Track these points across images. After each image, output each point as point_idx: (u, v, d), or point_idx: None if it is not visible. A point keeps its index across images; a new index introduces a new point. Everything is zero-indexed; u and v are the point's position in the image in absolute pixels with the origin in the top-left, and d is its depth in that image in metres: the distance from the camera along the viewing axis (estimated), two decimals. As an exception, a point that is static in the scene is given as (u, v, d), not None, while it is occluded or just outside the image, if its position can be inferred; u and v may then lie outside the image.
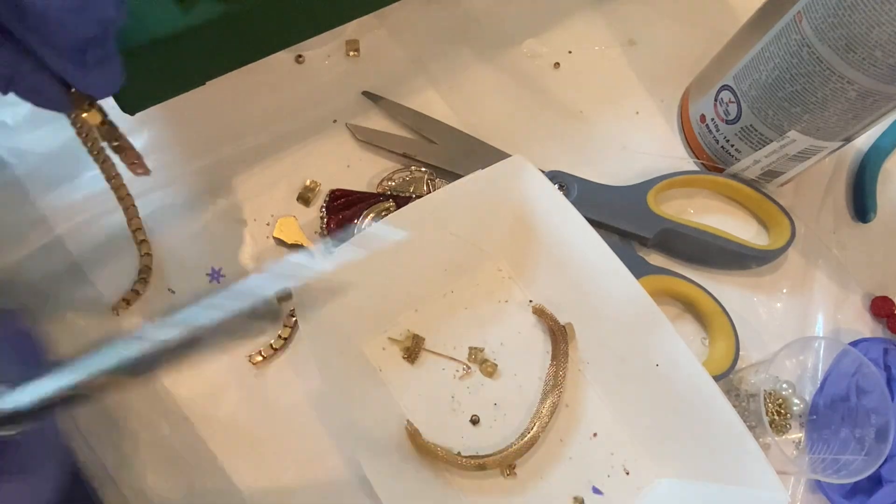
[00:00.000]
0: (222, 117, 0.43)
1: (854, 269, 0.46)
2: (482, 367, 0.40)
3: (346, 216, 0.41)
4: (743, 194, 0.45)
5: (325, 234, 0.41)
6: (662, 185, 0.44)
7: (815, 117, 0.38)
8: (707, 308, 0.42)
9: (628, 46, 0.49)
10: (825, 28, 0.34)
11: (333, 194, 0.42)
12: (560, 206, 0.38)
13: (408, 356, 0.39)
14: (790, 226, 0.44)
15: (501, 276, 0.42)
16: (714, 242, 0.43)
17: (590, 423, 0.39)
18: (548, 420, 0.38)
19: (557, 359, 0.39)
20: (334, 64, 0.46)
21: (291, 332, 0.39)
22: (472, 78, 0.47)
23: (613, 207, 0.43)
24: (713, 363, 0.41)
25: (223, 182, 0.42)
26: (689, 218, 0.44)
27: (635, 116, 0.48)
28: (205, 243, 0.41)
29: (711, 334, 0.42)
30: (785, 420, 0.42)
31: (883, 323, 0.45)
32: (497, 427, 0.39)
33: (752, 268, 0.45)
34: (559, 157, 0.45)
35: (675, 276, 0.42)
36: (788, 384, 0.42)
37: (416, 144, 0.44)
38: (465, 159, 0.43)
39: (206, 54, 0.35)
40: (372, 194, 0.42)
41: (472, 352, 0.40)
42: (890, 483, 0.40)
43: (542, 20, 0.49)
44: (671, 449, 0.38)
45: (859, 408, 0.41)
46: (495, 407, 0.39)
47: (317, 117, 0.44)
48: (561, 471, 0.38)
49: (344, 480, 0.38)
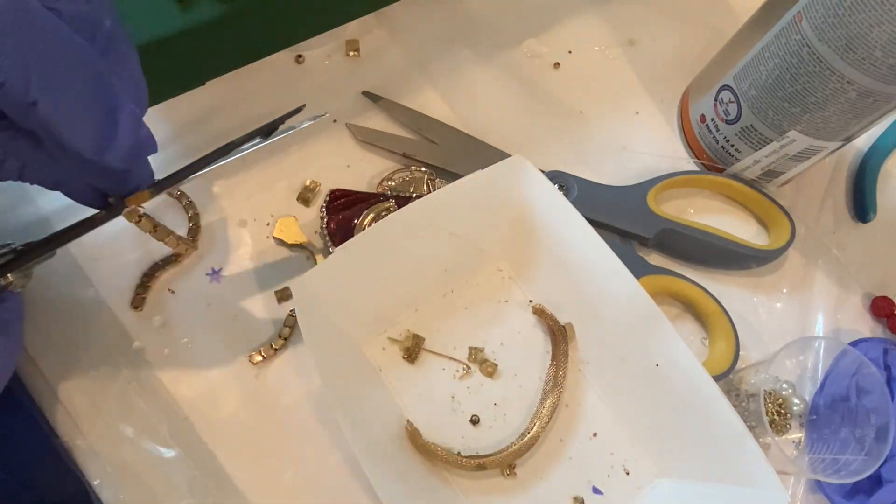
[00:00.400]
0: (222, 117, 0.43)
1: (854, 269, 0.46)
2: (482, 367, 0.40)
3: (346, 216, 0.41)
4: (743, 194, 0.45)
5: (325, 235, 0.41)
6: (662, 185, 0.44)
7: (815, 117, 0.38)
8: (707, 308, 0.42)
9: (628, 46, 0.49)
10: (825, 28, 0.34)
11: (333, 194, 0.42)
12: (560, 206, 0.38)
13: (408, 356, 0.39)
14: (790, 226, 0.44)
15: (501, 276, 0.42)
16: (714, 242, 0.43)
17: (590, 423, 0.39)
18: (548, 420, 0.38)
19: (557, 359, 0.39)
20: (334, 64, 0.46)
21: (291, 332, 0.40)
22: (472, 78, 0.47)
23: (613, 207, 0.43)
24: (713, 363, 0.41)
25: (223, 182, 0.42)
26: (689, 218, 0.44)
27: (635, 116, 0.48)
28: (205, 243, 0.41)
29: (711, 334, 0.42)
30: (785, 420, 0.42)
31: (883, 323, 0.45)
32: (497, 427, 0.39)
33: (751, 268, 0.45)
34: (559, 157, 0.45)
35: (675, 276, 0.42)
36: (788, 384, 0.42)
37: (416, 144, 0.44)
38: (465, 159, 0.43)
39: (206, 54, 0.35)
40: (372, 194, 0.42)
41: (472, 352, 0.40)
42: (890, 483, 0.40)
43: (542, 20, 0.49)
44: (671, 449, 0.38)
45: (859, 408, 0.41)
46: (495, 407, 0.39)
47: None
48: (561, 471, 0.38)
49: (344, 480, 0.38)
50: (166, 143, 0.42)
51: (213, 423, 0.38)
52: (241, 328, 0.40)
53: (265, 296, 0.40)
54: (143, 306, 0.39)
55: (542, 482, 0.38)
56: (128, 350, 0.38)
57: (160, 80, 0.35)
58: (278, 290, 0.40)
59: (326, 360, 0.35)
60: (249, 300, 0.40)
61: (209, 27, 0.33)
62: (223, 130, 0.43)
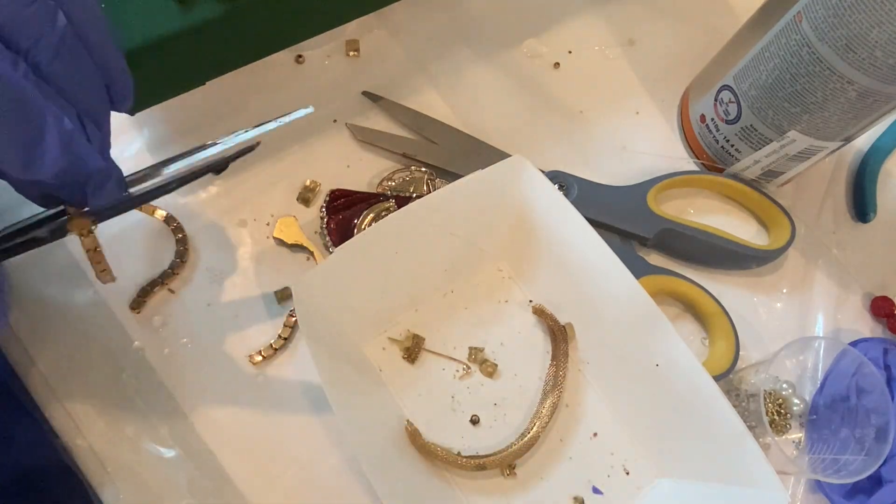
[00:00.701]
0: (222, 117, 0.43)
1: (854, 269, 0.46)
2: (482, 367, 0.40)
3: (346, 216, 0.41)
4: (743, 194, 0.45)
5: (325, 234, 0.41)
6: (662, 185, 0.44)
7: (815, 117, 0.38)
8: (707, 308, 0.42)
9: (628, 46, 0.49)
10: (825, 28, 0.34)
11: (333, 194, 0.42)
12: (560, 205, 0.38)
13: (408, 356, 0.39)
14: (790, 226, 0.44)
15: (501, 276, 0.42)
16: (714, 242, 0.43)
17: (590, 423, 0.39)
18: (548, 420, 0.38)
19: (557, 359, 0.39)
20: (334, 64, 0.46)
21: (291, 331, 0.40)
22: (472, 78, 0.47)
23: (613, 207, 0.43)
24: (713, 363, 0.41)
25: (223, 182, 0.42)
26: (689, 218, 0.44)
27: (635, 116, 0.48)
28: (205, 243, 0.41)
29: (711, 334, 0.42)
30: (785, 420, 0.42)
31: (883, 323, 0.45)
32: (497, 427, 0.39)
33: (751, 268, 0.45)
34: (559, 157, 0.45)
35: (675, 276, 0.42)
36: (788, 384, 0.42)
37: (416, 144, 0.44)
38: (465, 159, 0.43)
39: (206, 54, 0.35)
40: (372, 194, 0.42)
41: (472, 352, 0.40)
42: (890, 483, 0.40)
43: (542, 20, 0.49)
44: (671, 449, 0.38)
45: (859, 408, 0.41)
46: (495, 407, 0.39)
47: (317, 117, 0.44)
48: (561, 471, 0.38)
49: (344, 480, 0.38)
50: (166, 142, 0.42)
51: (213, 423, 0.38)
52: (241, 328, 0.40)
53: (265, 296, 0.40)
54: (141, 309, 0.39)
55: (542, 482, 0.38)
56: (128, 350, 0.38)
57: (160, 80, 0.35)
58: (278, 291, 0.40)
59: (326, 360, 0.35)
60: (249, 300, 0.40)
61: (209, 27, 0.33)
62: (223, 130, 0.43)
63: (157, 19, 0.32)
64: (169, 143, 0.42)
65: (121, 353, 0.38)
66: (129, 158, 0.41)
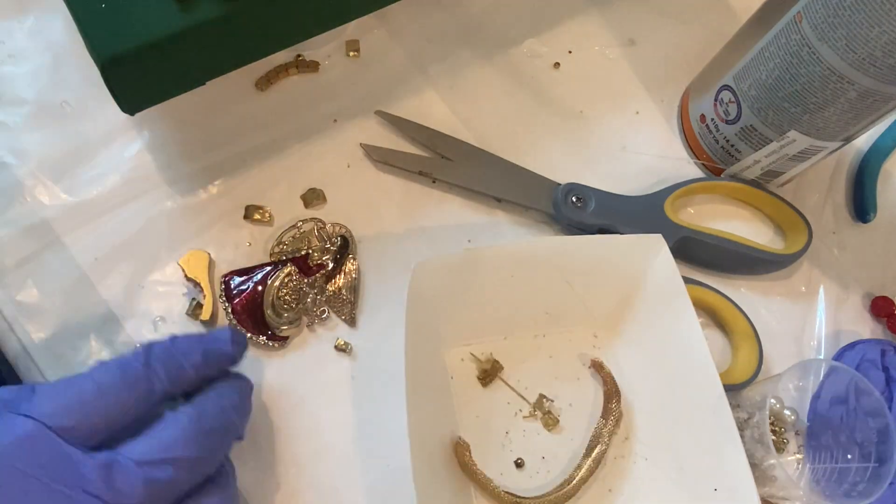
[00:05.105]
0: (222, 117, 0.43)
1: (854, 269, 0.46)
2: (545, 418, 0.39)
3: (247, 296, 0.39)
4: (758, 198, 0.45)
5: (231, 319, 0.39)
6: (680, 192, 0.44)
7: (815, 117, 0.38)
8: (730, 316, 0.42)
9: (628, 46, 0.49)
10: (825, 28, 0.34)
11: (225, 280, 0.39)
12: (679, 300, 0.38)
13: (482, 377, 0.39)
14: (807, 229, 0.44)
15: (593, 343, 0.41)
16: (735, 249, 0.43)
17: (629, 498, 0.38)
18: (588, 475, 0.37)
19: (607, 417, 0.39)
20: (334, 64, 0.46)
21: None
22: (472, 78, 0.47)
23: (632, 217, 0.42)
24: (737, 373, 0.41)
25: (223, 182, 0.42)
26: (706, 224, 0.44)
27: (635, 116, 0.48)
28: (205, 244, 0.41)
29: (734, 343, 0.42)
30: (781, 437, 0.41)
31: (883, 323, 0.45)
32: (538, 479, 0.38)
33: (766, 272, 0.45)
34: (558, 157, 0.45)
35: (697, 285, 0.42)
36: (776, 399, 0.41)
37: (431, 162, 0.43)
38: (481, 176, 0.43)
39: (206, 54, 0.35)
40: (266, 263, 0.40)
41: (541, 399, 0.40)
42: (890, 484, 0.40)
43: (542, 20, 0.49)
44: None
45: (857, 427, 0.40)
46: (542, 460, 0.38)
47: (317, 117, 0.44)
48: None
49: (344, 481, 0.37)
50: (166, 143, 0.42)
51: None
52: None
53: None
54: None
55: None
56: (128, 350, 0.38)
57: (160, 80, 0.35)
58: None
59: (412, 352, 0.34)
60: (249, 300, 0.40)
61: (209, 27, 0.33)
62: (223, 130, 0.43)
63: (157, 19, 0.32)
64: (169, 143, 0.42)
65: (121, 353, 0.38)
66: (130, 158, 0.41)
